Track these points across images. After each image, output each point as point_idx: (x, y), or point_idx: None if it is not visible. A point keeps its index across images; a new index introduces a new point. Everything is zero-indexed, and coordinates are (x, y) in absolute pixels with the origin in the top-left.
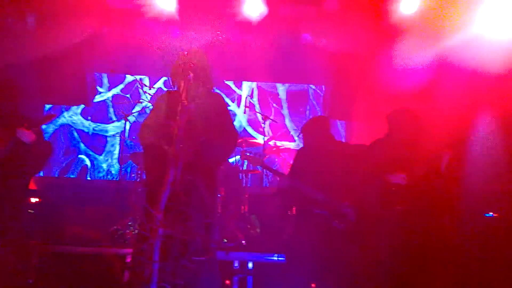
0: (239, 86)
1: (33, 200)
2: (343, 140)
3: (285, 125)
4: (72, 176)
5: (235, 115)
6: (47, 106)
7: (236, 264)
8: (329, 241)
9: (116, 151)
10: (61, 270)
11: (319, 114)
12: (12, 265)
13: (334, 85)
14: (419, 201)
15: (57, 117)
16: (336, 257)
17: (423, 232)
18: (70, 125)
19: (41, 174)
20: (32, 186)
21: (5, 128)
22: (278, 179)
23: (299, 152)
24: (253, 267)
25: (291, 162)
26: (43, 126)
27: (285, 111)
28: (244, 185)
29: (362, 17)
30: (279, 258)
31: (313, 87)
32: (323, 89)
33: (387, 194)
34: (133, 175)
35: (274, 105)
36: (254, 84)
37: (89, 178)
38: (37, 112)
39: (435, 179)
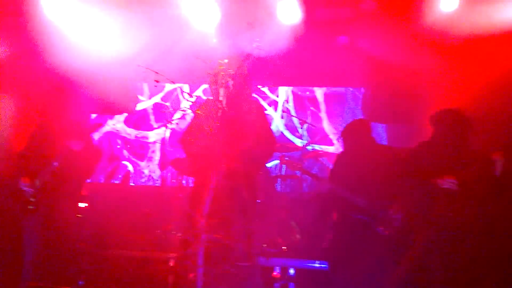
0: (274, 91)
1: (82, 205)
2: (385, 144)
3: (323, 128)
4: (116, 182)
5: (272, 119)
6: (92, 115)
7: (277, 271)
8: (373, 248)
9: (157, 157)
10: (109, 273)
11: (359, 116)
12: (64, 268)
13: (374, 86)
14: (472, 207)
15: (103, 125)
16: (381, 264)
17: (477, 240)
18: (114, 132)
19: (88, 180)
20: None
21: (59, 138)
22: (317, 183)
23: (339, 156)
24: (294, 273)
25: (331, 166)
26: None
27: (323, 114)
28: (282, 190)
29: (401, 17)
30: (321, 265)
31: (351, 88)
32: (362, 90)
33: (436, 200)
34: (173, 180)
35: (312, 108)
36: (290, 88)
37: (132, 184)
38: (85, 121)
39: (489, 184)
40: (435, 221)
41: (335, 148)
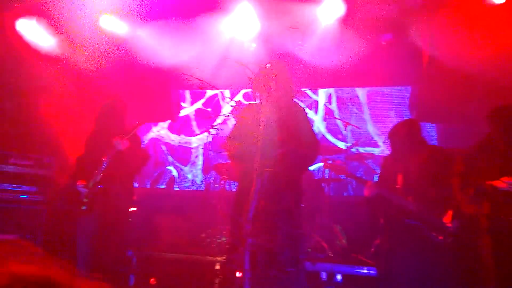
0: (314, 93)
1: (131, 209)
2: (436, 144)
3: (367, 130)
4: (161, 187)
5: (313, 122)
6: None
7: (323, 276)
8: (425, 255)
9: (200, 162)
10: (156, 275)
11: (407, 116)
12: (115, 269)
13: (422, 84)
14: None
15: (147, 131)
16: (435, 272)
17: None
18: (158, 139)
19: (136, 185)
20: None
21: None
22: (364, 187)
23: (386, 158)
24: (342, 279)
25: (376, 168)
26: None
27: (366, 116)
28: (326, 194)
29: (449, 11)
30: (370, 271)
31: (398, 88)
32: (409, 89)
33: (495, 203)
34: (216, 185)
35: (355, 109)
36: (331, 90)
37: (176, 188)
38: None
39: None
40: (495, 227)
41: (380, 150)
